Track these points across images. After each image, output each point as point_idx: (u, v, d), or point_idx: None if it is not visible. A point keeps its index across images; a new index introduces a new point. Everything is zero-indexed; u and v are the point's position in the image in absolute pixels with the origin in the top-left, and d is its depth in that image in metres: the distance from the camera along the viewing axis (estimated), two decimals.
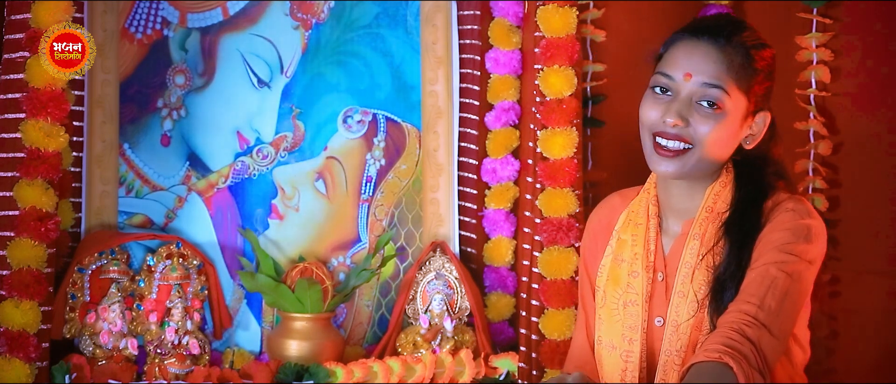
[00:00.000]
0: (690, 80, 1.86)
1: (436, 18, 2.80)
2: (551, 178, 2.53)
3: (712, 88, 1.85)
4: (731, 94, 1.85)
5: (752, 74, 1.87)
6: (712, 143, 1.86)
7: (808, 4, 2.58)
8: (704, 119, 1.86)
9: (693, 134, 1.86)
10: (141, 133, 2.72)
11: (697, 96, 1.86)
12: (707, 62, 1.86)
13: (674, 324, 1.88)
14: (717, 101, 1.85)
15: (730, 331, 1.73)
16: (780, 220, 1.84)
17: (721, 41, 1.87)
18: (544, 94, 2.54)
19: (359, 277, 2.68)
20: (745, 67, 1.86)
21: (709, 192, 1.92)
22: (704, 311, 1.86)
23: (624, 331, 1.92)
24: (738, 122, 1.88)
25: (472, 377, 2.63)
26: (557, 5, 2.54)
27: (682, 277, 1.89)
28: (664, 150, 1.89)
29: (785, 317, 1.78)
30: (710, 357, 1.69)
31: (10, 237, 2.38)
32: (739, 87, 1.86)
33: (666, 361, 1.88)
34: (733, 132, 1.88)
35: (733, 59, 1.86)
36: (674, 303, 1.89)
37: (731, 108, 1.86)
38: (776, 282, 1.78)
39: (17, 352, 2.35)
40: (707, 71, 1.86)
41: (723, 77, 1.85)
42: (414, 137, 2.82)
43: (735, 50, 1.87)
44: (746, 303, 1.77)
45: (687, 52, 1.88)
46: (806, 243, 1.82)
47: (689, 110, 1.86)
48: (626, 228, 2.00)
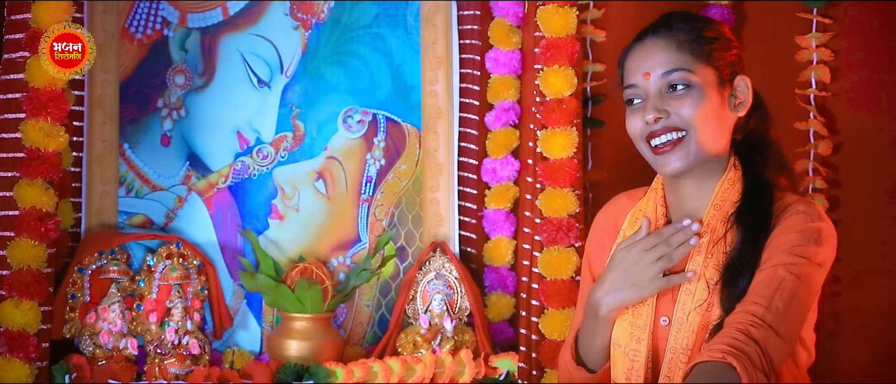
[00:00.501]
0: (650, 77, 1.89)
1: (436, 18, 2.80)
2: (551, 178, 2.53)
3: (672, 73, 1.87)
4: (694, 70, 1.87)
5: (705, 44, 1.89)
6: (701, 119, 1.87)
7: (808, 4, 2.58)
8: (680, 101, 1.87)
9: (679, 120, 1.87)
10: (141, 133, 2.72)
11: (664, 87, 1.88)
12: (657, 55, 1.89)
13: (680, 321, 1.87)
14: (684, 81, 1.87)
15: (735, 331, 1.73)
16: (790, 222, 1.84)
17: (662, 32, 1.91)
18: (544, 94, 2.54)
19: (359, 277, 2.68)
20: (696, 41, 1.89)
21: (718, 188, 1.92)
22: (711, 309, 1.85)
23: (632, 331, 1.92)
24: (717, 93, 1.88)
25: (472, 377, 2.63)
26: (557, 5, 2.54)
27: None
28: (661, 148, 1.89)
29: (792, 319, 1.77)
30: (714, 357, 1.68)
31: (10, 237, 2.38)
32: (698, 60, 1.88)
33: (671, 359, 1.87)
34: (716, 105, 1.88)
35: (680, 41, 1.89)
36: (681, 300, 1.88)
37: (702, 81, 1.87)
38: (784, 284, 1.77)
39: (17, 352, 2.35)
40: (660, 62, 1.89)
41: (677, 59, 1.88)
42: (414, 137, 2.82)
43: (679, 33, 1.90)
44: (754, 304, 1.76)
45: (637, 57, 1.92)
46: (816, 246, 1.82)
47: (664, 102, 1.88)
48: (633, 228, 2.00)
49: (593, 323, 1.92)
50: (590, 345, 1.95)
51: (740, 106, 1.92)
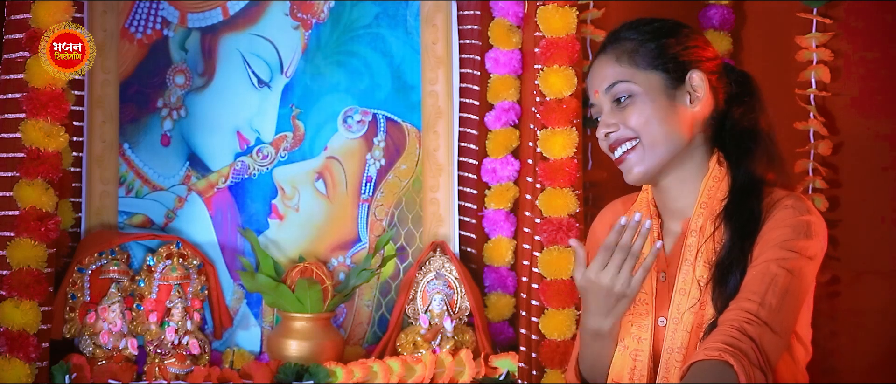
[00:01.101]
0: (599, 95, 1.95)
1: (436, 18, 2.80)
2: (551, 178, 2.53)
3: (613, 86, 1.92)
4: (634, 79, 1.91)
5: (647, 52, 1.92)
6: (647, 124, 1.90)
7: (808, 4, 2.58)
8: (625, 111, 1.91)
9: (626, 128, 1.91)
10: (141, 133, 2.72)
11: (609, 102, 1.94)
12: (601, 71, 1.95)
13: (675, 321, 1.88)
14: (625, 92, 1.91)
15: (730, 328, 1.73)
16: (779, 218, 1.84)
17: (608, 49, 1.96)
18: (544, 94, 2.54)
19: (359, 277, 2.68)
20: (636, 50, 1.92)
21: (703, 187, 1.93)
22: (705, 308, 1.86)
23: (634, 331, 1.92)
24: (663, 96, 1.91)
25: (472, 377, 2.63)
26: (557, 5, 2.54)
27: (682, 274, 1.89)
28: (620, 158, 1.94)
29: (786, 314, 1.78)
30: (711, 355, 1.68)
31: (10, 237, 2.38)
32: (638, 68, 1.91)
33: (668, 359, 1.88)
34: (663, 108, 1.90)
35: (621, 52, 1.93)
36: (675, 301, 1.89)
37: (642, 88, 1.91)
38: (777, 279, 1.78)
39: (17, 352, 2.35)
40: (604, 77, 1.94)
41: (617, 72, 1.92)
42: (414, 137, 2.82)
43: (622, 44, 1.94)
44: (747, 301, 1.77)
45: (590, 77, 1.99)
46: (806, 239, 1.82)
47: (613, 115, 1.93)
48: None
49: (599, 342, 1.92)
50: (596, 364, 1.96)
51: (697, 100, 1.93)
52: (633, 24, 1.98)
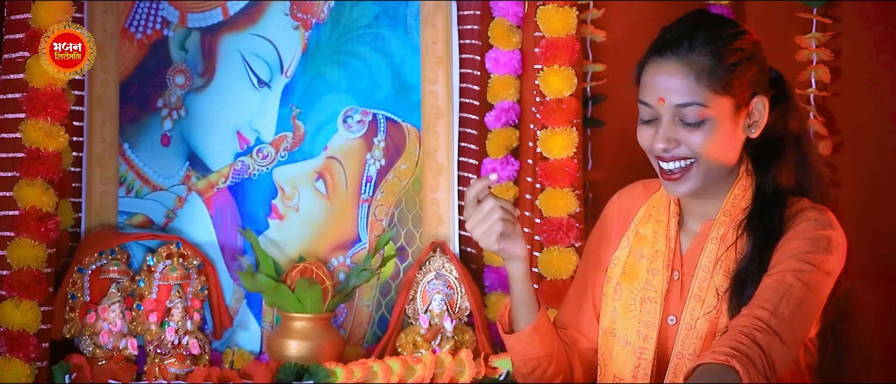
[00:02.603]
0: (664, 104, 1.83)
1: (436, 18, 2.80)
2: (551, 178, 2.53)
3: (688, 107, 1.82)
4: (710, 103, 1.81)
5: (725, 73, 1.82)
6: (711, 150, 1.83)
7: (808, 4, 2.58)
8: (692, 133, 1.83)
9: (689, 150, 1.84)
10: (141, 133, 2.72)
11: (678, 117, 1.83)
12: (674, 81, 1.82)
13: (688, 327, 1.86)
14: (698, 116, 1.82)
15: (740, 334, 1.71)
16: (800, 229, 1.82)
17: (682, 52, 1.83)
18: (544, 94, 2.55)
19: (359, 277, 2.68)
20: (716, 69, 1.81)
21: (729, 195, 1.90)
22: (720, 317, 1.85)
23: (639, 328, 1.91)
24: (730, 121, 1.84)
25: (472, 377, 2.63)
26: (557, 5, 2.54)
27: (698, 280, 1.88)
28: (669, 175, 1.86)
29: (797, 326, 1.76)
30: (717, 359, 1.67)
31: (10, 237, 2.38)
32: (715, 91, 1.81)
33: (678, 363, 1.86)
34: (729, 133, 1.84)
35: (701, 67, 1.81)
36: (689, 306, 1.87)
37: (716, 113, 1.82)
38: (792, 290, 1.76)
39: (17, 352, 2.35)
40: (677, 91, 1.82)
41: (694, 91, 1.81)
42: (414, 137, 2.82)
43: (701, 56, 1.82)
44: (760, 309, 1.75)
45: (654, 73, 1.85)
46: (825, 254, 1.80)
47: (676, 130, 1.84)
48: (646, 223, 1.98)
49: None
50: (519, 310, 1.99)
51: (754, 126, 1.87)
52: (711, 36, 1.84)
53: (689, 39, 1.83)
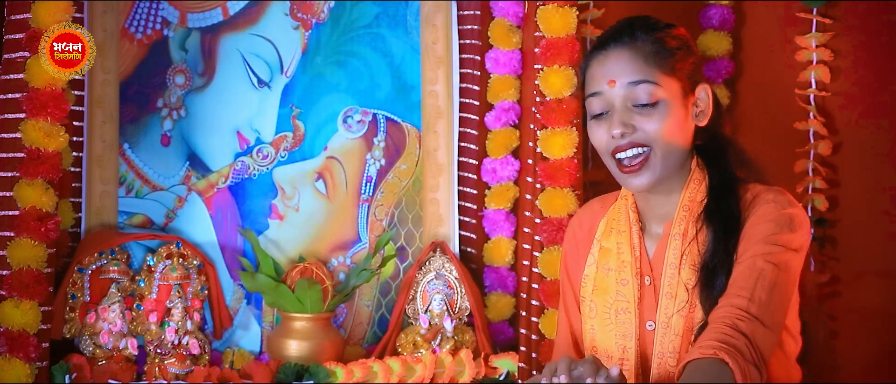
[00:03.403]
0: (615, 84, 1.87)
1: (436, 18, 2.80)
2: (551, 178, 2.53)
3: (639, 84, 1.86)
4: (661, 83, 1.86)
5: (669, 55, 1.88)
6: (666, 135, 1.86)
7: (808, 4, 2.58)
8: (648, 117, 1.86)
9: (645, 135, 1.86)
10: (141, 133, 2.72)
11: (630, 99, 1.87)
12: (622, 63, 1.88)
13: (664, 326, 1.88)
14: (650, 95, 1.86)
15: (723, 325, 1.73)
16: (762, 213, 1.84)
17: (625, 40, 1.89)
18: (544, 94, 2.54)
19: (359, 277, 2.68)
20: (660, 52, 1.87)
21: (684, 192, 1.92)
22: (693, 311, 1.86)
23: (617, 339, 1.92)
24: (681, 105, 1.88)
25: (472, 377, 2.63)
26: (557, 5, 2.54)
27: (668, 278, 1.89)
28: (627, 167, 1.88)
29: (776, 308, 1.78)
30: (706, 353, 1.69)
31: (10, 237, 2.38)
32: (664, 71, 1.87)
33: (660, 363, 1.88)
34: (680, 118, 1.88)
35: (645, 50, 1.87)
36: (662, 305, 1.89)
37: (667, 95, 1.86)
38: (764, 274, 1.78)
39: (17, 352, 2.35)
40: (626, 71, 1.87)
41: (643, 69, 1.86)
42: (414, 137, 2.82)
43: (643, 42, 1.88)
44: (737, 297, 1.77)
45: (601, 63, 1.90)
46: (790, 232, 1.82)
47: (630, 115, 1.87)
48: (608, 236, 2.00)
49: None
50: None
51: (701, 115, 1.92)
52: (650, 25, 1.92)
53: (629, 31, 1.90)
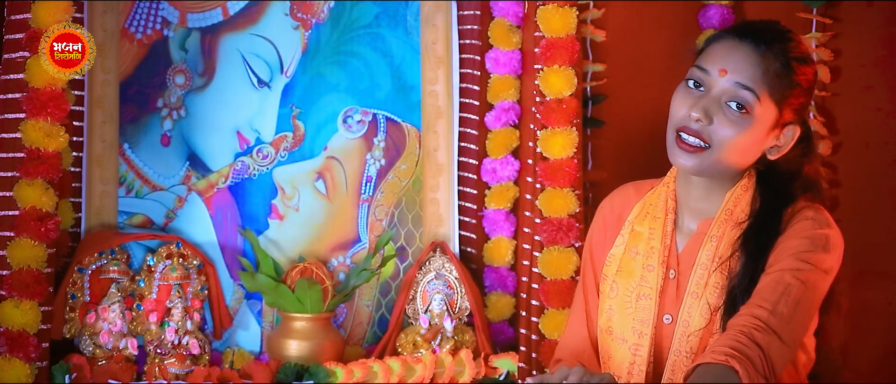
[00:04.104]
0: (725, 76, 1.83)
1: (436, 18, 2.80)
2: (551, 178, 2.53)
3: (744, 90, 1.82)
4: (762, 101, 1.82)
5: (787, 85, 1.83)
6: (732, 147, 1.83)
7: (808, 4, 2.58)
8: (729, 122, 1.83)
9: (713, 134, 1.83)
10: (141, 133, 2.72)
11: (728, 96, 1.83)
12: (744, 62, 1.83)
13: (685, 325, 1.87)
14: (746, 105, 1.82)
15: (739, 333, 1.71)
16: (798, 228, 1.83)
17: (762, 46, 1.83)
18: (544, 94, 2.54)
19: (359, 277, 2.68)
20: (782, 77, 1.83)
21: (729, 195, 1.90)
22: (716, 319, 1.85)
23: (634, 325, 1.91)
24: (765, 132, 1.85)
25: (472, 377, 2.63)
26: (557, 5, 2.54)
27: (696, 278, 1.88)
28: (683, 144, 1.85)
29: (796, 325, 1.77)
30: (717, 359, 1.67)
31: (10, 237, 2.38)
32: (772, 95, 1.82)
33: (675, 361, 1.87)
34: (757, 140, 1.85)
35: (771, 66, 1.82)
36: (686, 304, 1.87)
37: (759, 115, 1.82)
38: (790, 289, 1.76)
39: (17, 352, 2.35)
40: (743, 71, 1.82)
41: (757, 81, 1.82)
42: (414, 137, 2.82)
43: (775, 57, 1.83)
44: (758, 308, 1.75)
45: (726, 49, 1.85)
46: (823, 253, 1.81)
47: (717, 108, 1.83)
48: (642, 220, 1.98)
49: None
50: None
51: (775, 150, 1.88)
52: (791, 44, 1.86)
53: (772, 37, 1.85)
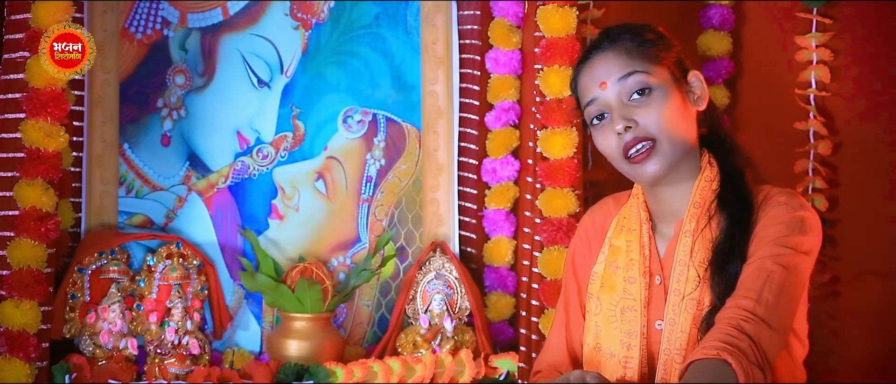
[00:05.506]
0: (607, 86, 1.89)
1: (436, 18, 2.80)
2: (551, 178, 2.53)
3: (629, 77, 1.88)
4: (649, 71, 1.88)
5: (650, 46, 1.90)
6: (669, 123, 1.87)
7: (808, 4, 2.58)
8: (646, 107, 1.87)
9: (648, 127, 1.86)
10: (141, 133, 2.72)
11: (625, 94, 1.88)
12: (608, 64, 1.90)
13: (671, 322, 1.87)
14: (642, 86, 1.87)
15: (728, 327, 1.73)
16: (773, 214, 1.84)
17: (605, 45, 1.92)
18: (544, 94, 2.54)
19: (359, 277, 2.68)
20: (641, 45, 1.90)
21: (695, 189, 1.92)
22: (703, 297, 1.85)
23: (622, 338, 1.92)
24: (675, 91, 1.89)
25: (472, 377, 2.63)
26: (557, 5, 2.54)
27: (676, 276, 1.89)
28: (635, 157, 1.88)
29: (783, 311, 1.78)
30: (709, 354, 1.68)
31: (10, 237, 2.38)
32: (649, 61, 1.89)
33: (666, 360, 1.87)
34: (678, 103, 1.89)
35: (626, 47, 1.90)
36: (671, 303, 1.88)
37: (658, 84, 1.88)
38: (772, 276, 1.78)
39: (17, 352, 2.35)
40: (613, 69, 1.89)
41: (629, 63, 1.88)
42: (414, 137, 2.82)
43: (622, 41, 1.91)
44: (743, 299, 1.76)
45: (588, 71, 1.93)
46: (801, 235, 1.82)
47: (629, 110, 1.88)
48: (618, 234, 2.00)
49: None
50: None
51: (699, 99, 1.94)
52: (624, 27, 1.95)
53: (606, 36, 1.94)
